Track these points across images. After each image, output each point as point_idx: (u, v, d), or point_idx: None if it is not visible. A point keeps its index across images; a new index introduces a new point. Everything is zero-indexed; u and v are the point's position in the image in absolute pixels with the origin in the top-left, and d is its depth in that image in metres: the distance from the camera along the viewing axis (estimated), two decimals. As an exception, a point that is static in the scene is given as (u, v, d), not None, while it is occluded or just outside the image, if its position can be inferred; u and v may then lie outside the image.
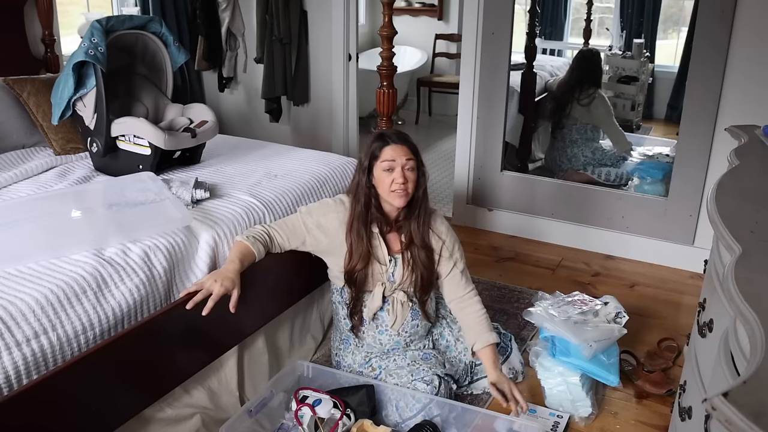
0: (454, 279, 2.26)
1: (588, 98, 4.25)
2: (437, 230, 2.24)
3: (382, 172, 2.10)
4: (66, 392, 1.60)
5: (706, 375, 1.39)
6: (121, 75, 2.71)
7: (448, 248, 2.25)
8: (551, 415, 2.26)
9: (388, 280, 2.21)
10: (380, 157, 2.10)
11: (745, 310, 1.06)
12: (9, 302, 1.61)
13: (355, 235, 2.14)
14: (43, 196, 2.29)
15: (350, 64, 4.21)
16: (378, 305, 2.21)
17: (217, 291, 1.88)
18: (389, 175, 2.09)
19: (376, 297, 2.20)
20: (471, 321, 2.25)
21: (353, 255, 2.15)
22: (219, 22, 4.35)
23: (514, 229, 3.82)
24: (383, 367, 2.25)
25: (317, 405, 2.05)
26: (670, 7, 4.72)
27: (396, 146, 2.10)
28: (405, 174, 2.09)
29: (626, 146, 4.22)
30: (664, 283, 3.29)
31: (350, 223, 2.15)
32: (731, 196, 1.55)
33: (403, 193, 2.09)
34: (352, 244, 2.15)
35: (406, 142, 2.14)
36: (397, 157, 2.09)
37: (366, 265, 2.16)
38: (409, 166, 2.10)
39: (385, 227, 2.19)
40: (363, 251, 2.14)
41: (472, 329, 2.24)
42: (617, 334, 2.32)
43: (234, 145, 3.00)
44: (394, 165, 2.08)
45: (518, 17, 3.69)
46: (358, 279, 2.18)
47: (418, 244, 2.19)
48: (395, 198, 2.10)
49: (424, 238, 2.20)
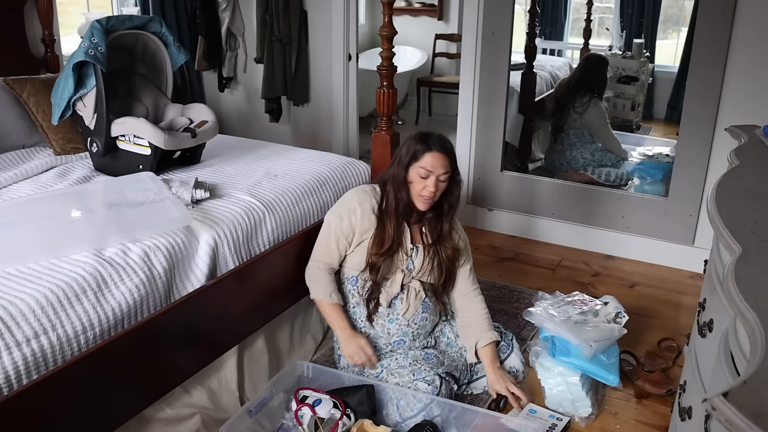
0: (464, 275, 2.36)
1: (582, 107, 4.23)
2: (457, 229, 2.35)
3: (418, 176, 2.15)
4: (66, 392, 1.60)
5: (706, 375, 1.39)
6: (121, 75, 2.71)
7: (463, 246, 2.35)
8: (551, 417, 2.26)
9: (407, 268, 2.25)
10: (420, 161, 2.15)
11: (745, 310, 1.06)
12: (9, 302, 1.61)
13: (388, 223, 2.20)
14: (43, 196, 2.29)
15: (350, 64, 4.21)
16: (396, 291, 2.25)
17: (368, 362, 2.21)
18: (422, 182, 2.15)
19: (396, 283, 2.24)
20: (475, 318, 2.32)
21: (384, 242, 2.19)
22: (219, 22, 4.35)
23: (514, 229, 3.82)
24: (385, 365, 2.25)
25: (317, 405, 2.05)
26: (670, 7, 4.72)
27: (437, 155, 2.14)
28: (438, 184, 2.15)
29: (622, 154, 4.23)
30: (664, 283, 3.29)
31: (383, 211, 2.21)
32: (731, 196, 1.55)
33: (429, 201, 2.18)
34: (384, 231, 2.20)
35: (448, 151, 2.18)
36: (435, 168, 2.14)
37: (394, 253, 2.21)
38: (444, 178, 2.16)
39: (412, 218, 2.25)
40: (394, 240, 2.20)
41: (475, 327, 2.31)
42: (617, 334, 2.32)
43: (234, 145, 3.00)
44: (431, 174, 2.14)
45: (518, 17, 3.69)
46: (381, 266, 2.22)
47: (446, 242, 2.28)
48: (421, 202, 2.18)
49: (452, 236, 2.29)
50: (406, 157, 2.17)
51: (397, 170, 2.19)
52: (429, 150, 2.14)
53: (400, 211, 2.20)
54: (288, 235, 2.38)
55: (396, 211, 2.20)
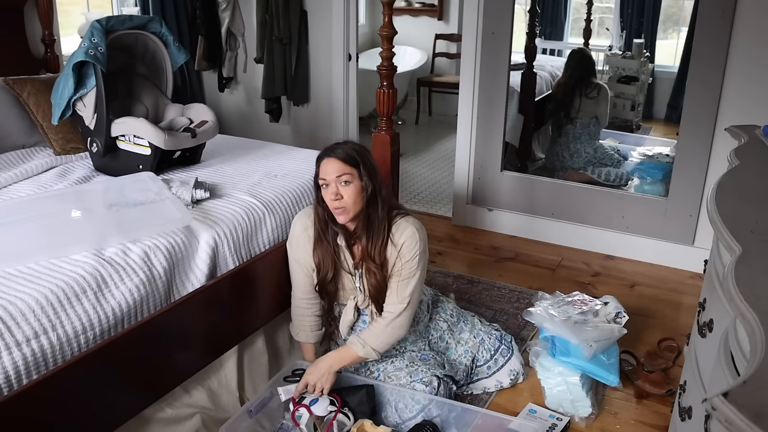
0: (392, 288, 2.14)
1: (595, 90, 4.32)
2: (395, 240, 2.11)
3: (322, 188, 2.07)
4: (66, 392, 1.60)
5: (706, 375, 1.39)
6: (121, 75, 2.71)
7: (401, 258, 2.11)
8: (551, 417, 2.26)
9: (359, 292, 2.21)
10: (319, 173, 2.08)
11: (745, 310, 1.06)
12: (9, 302, 1.61)
13: (320, 248, 2.15)
14: (43, 196, 2.29)
15: (350, 64, 4.21)
16: (350, 319, 2.22)
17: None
18: (327, 192, 2.05)
19: (348, 311, 2.22)
20: (370, 326, 2.18)
21: (321, 266, 2.16)
22: (219, 22, 4.34)
23: (514, 229, 3.82)
24: (381, 369, 2.25)
25: (313, 404, 2.05)
26: (670, 7, 4.72)
27: (330, 160, 2.03)
28: (339, 189, 2.02)
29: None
30: (664, 283, 3.29)
31: (316, 238, 2.16)
32: (731, 196, 1.55)
33: (341, 210, 2.04)
34: (319, 257, 2.15)
35: (343, 155, 2.03)
36: (329, 174, 2.03)
37: (335, 274, 2.17)
38: (344, 180, 2.02)
39: (350, 239, 2.16)
40: (330, 262, 2.14)
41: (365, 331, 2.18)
42: (617, 334, 2.32)
43: (234, 145, 3.00)
44: (328, 181, 2.04)
45: (518, 17, 3.69)
46: (329, 290, 2.20)
47: (369, 257, 2.12)
48: (336, 215, 2.06)
49: (377, 250, 2.10)
50: (314, 175, 2.11)
51: (314, 192, 2.14)
52: (321, 159, 2.06)
53: (329, 233, 2.14)
54: (288, 235, 2.38)
55: (325, 234, 2.14)
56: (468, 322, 2.45)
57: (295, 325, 2.29)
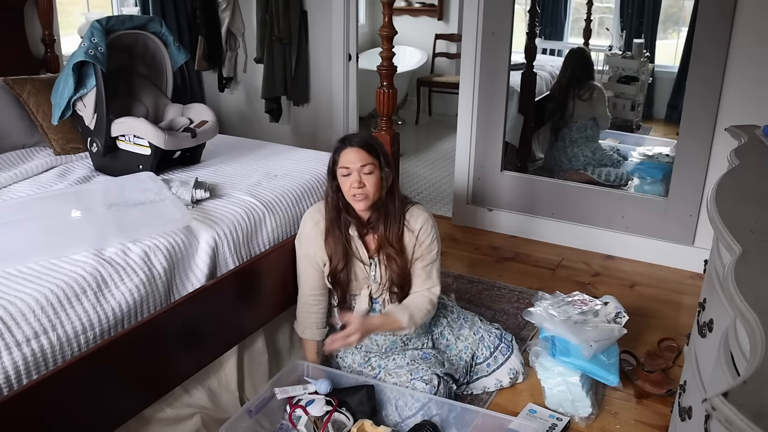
0: (417, 272, 2.25)
1: (588, 92, 4.27)
2: (411, 226, 2.21)
3: (342, 177, 2.12)
4: (66, 392, 1.60)
5: (706, 375, 1.39)
6: (121, 75, 2.71)
7: (420, 243, 2.22)
8: (551, 417, 2.26)
9: (373, 282, 2.23)
10: (339, 162, 2.13)
11: (745, 310, 1.06)
12: (9, 302, 1.61)
13: (331, 238, 2.18)
14: (43, 196, 2.29)
15: (350, 64, 4.21)
16: (365, 308, 2.23)
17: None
18: (348, 180, 2.11)
19: (362, 301, 2.23)
20: (406, 301, 2.23)
21: (333, 257, 2.18)
22: (219, 22, 4.34)
23: (514, 229, 3.82)
24: (383, 366, 2.25)
25: (309, 405, 2.05)
26: (670, 7, 4.73)
27: (352, 150, 2.10)
28: (362, 178, 2.09)
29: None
30: (664, 283, 3.29)
31: (327, 228, 2.19)
32: (731, 196, 1.55)
33: (362, 197, 2.11)
34: (331, 247, 2.18)
35: (365, 145, 2.12)
36: (352, 163, 2.09)
37: (346, 264, 2.19)
38: (367, 170, 2.10)
39: (363, 229, 2.21)
40: (341, 252, 2.17)
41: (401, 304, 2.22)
42: (617, 334, 2.32)
43: (234, 145, 3.00)
44: (351, 170, 2.10)
45: (518, 17, 3.69)
46: (341, 280, 2.21)
47: (388, 244, 2.19)
48: (355, 202, 2.14)
49: (395, 237, 2.19)
50: (330, 163, 2.16)
51: (328, 181, 2.18)
52: (344, 148, 2.12)
53: (342, 222, 2.18)
54: (288, 235, 2.38)
55: (336, 223, 2.18)
56: (468, 320, 2.46)
57: (300, 323, 2.30)
